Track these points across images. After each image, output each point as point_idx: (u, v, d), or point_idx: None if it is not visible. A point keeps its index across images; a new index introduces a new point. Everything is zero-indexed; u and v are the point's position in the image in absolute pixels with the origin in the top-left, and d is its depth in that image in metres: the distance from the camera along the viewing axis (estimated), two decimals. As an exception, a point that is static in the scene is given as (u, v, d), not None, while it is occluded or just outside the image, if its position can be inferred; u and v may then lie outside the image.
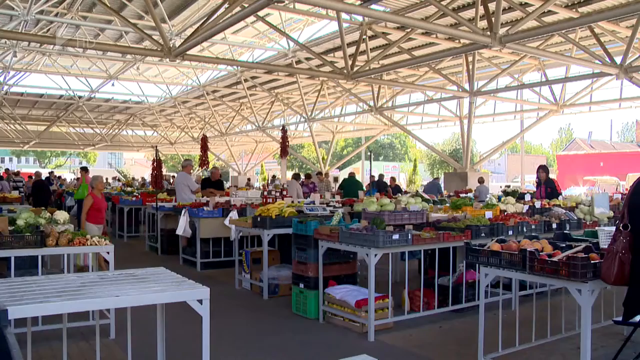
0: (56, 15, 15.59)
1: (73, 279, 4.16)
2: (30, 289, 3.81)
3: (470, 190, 15.77)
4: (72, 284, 3.95)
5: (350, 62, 13.40)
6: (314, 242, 7.14)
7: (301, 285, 7.35)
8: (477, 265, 5.55)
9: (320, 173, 20.69)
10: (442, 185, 19.78)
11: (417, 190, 13.87)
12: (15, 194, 16.66)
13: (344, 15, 13.35)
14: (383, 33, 15.06)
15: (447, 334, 6.58)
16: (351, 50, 14.53)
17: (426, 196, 10.27)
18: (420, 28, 12.97)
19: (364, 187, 18.03)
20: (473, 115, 19.02)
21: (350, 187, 17.00)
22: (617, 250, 3.87)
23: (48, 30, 17.17)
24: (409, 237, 6.50)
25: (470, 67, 16.79)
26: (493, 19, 9.57)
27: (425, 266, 7.60)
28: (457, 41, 15.50)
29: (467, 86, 17.30)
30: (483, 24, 10.12)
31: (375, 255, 6.22)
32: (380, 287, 6.66)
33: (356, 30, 14.89)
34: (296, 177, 18.22)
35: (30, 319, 4.60)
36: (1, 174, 27.37)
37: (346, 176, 20.18)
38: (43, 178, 22.05)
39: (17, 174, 27.25)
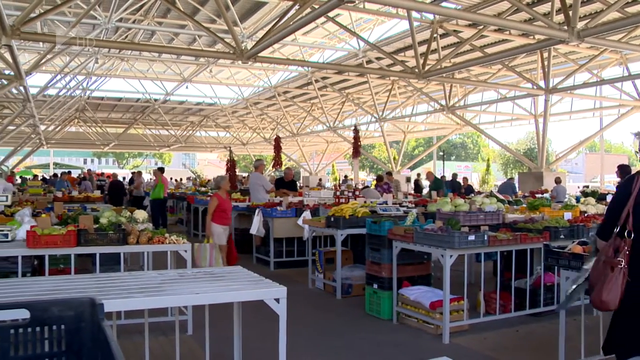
0: (134, 22, 16.16)
1: (154, 276, 4.29)
2: (115, 284, 3.95)
3: (546, 191, 15.30)
4: (153, 281, 4.08)
5: (421, 61, 13.26)
6: (388, 242, 7.11)
7: (375, 286, 7.33)
8: (556, 268, 5.39)
9: (390, 173, 20.56)
10: (517, 186, 19.30)
11: (491, 191, 13.58)
12: (97, 193, 17.33)
13: (414, 14, 13.23)
14: (454, 31, 14.83)
15: (525, 338, 6.41)
16: (422, 49, 14.39)
17: (500, 197, 10.06)
18: (493, 25, 12.70)
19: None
20: (549, 114, 18.45)
21: (440, 187, 16.83)
22: (623, 265, 3.10)
23: (126, 36, 17.81)
24: (485, 238, 6.38)
25: (546, 63, 16.30)
26: (570, 12, 9.25)
27: (501, 268, 7.44)
28: (532, 37, 15.09)
29: (542, 83, 16.81)
30: (559, 18, 9.84)
31: (451, 256, 6.13)
32: (455, 288, 6.55)
33: (427, 28, 14.74)
34: (379, 179, 18.08)
35: (114, 313, 4.79)
36: (84, 174, 28.73)
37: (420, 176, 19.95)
38: (120, 179, 23.11)
39: (102, 174, 28.82)
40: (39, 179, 27.05)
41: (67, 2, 10.41)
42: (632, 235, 3.07)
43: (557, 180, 17.05)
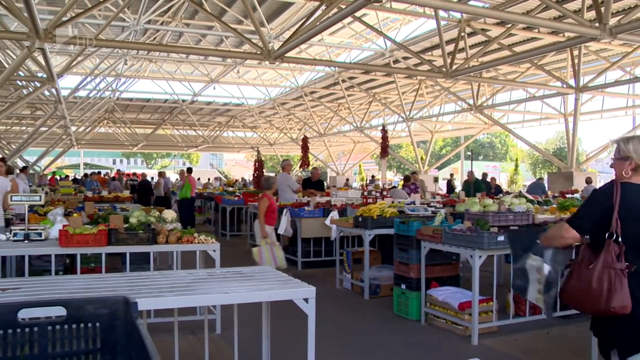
0: (162, 24, 16.34)
1: (183, 275, 4.32)
2: (145, 283, 3.99)
3: (576, 191, 15.09)
4: (183, 280, 4.11)
5: (448, 60, 13.17)
6: (416, 242, 7.07)
7: (403, 286, 7.30)
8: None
9: (415, 172, 20.46)
10: (546, 186, 19.06)
11: (519, 191, 13.41)
12: (126, 193, 17.56)
13: (441, 13, 13.14)
14: (482, 29, 14.69)
15: (555, 340, 6.33)
16: (449, 48, 14.26)
17: (530, 197, 9.93)
18: (522, 23, 12.55)
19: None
20: (579, 112, 18.19)
21: (477, 187, 16.64)
22: (616, 269, 3.14)
23: (154, 38, 18.02)
24: (514, 238, 6.31)
25: (576, 61, 16.07)
26: (602, 8, 9.10)
27: (531, 269, 7.33)
28: (562, 35, 14.88)
29: (572, 82, 16.59)
30: (591, 14, 9.67)
31: (480, 256, 6.08)
32: (484, 289, 6.50)
33: (454, 27, 14.63)
34: (407, 179, 17.98)
35: (145, 311, 4.84)
36: (114, 175, 29.20)
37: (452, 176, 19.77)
38: (149, 179, 23.50)
39: (134, 174, 29.51)
40: (70, 179, 27.56)
41: (98, 5, 10.56)
42: (624, 242, 3.16)
43: (588, 180, 16.80)
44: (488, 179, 21.08)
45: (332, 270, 9.76)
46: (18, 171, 24.46)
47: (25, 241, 6.17)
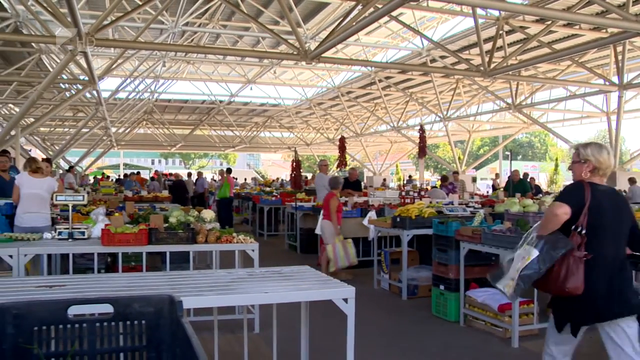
0: (199, 25, 16.53)
1: (223, 275, 4.35)
2: (186, 282, 4.04)
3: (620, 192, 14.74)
4: (222, 280, 4.14)
5: (486, 59, 12.98)
6: (455, 243, 7.00)
7: (442, 287, 7.25)
8: (635, 272, 5.17)
9: (456, 172, 20.26)
10: (588, 186, 18.64)
11: (560, 191, 13.17)
12: (165, 193, 17.80)
13: (479, 11, 12.98)
14: (521, 27, 14.45)
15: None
16: (487, 46, 14.11)
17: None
18: (562, 19, 12.32)
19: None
20: (622, 111, 17.77)
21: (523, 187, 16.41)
22: (578, 255, 3.68)
23: (192, 40, 18.23)
24: (556, 239, 6.19)
25: (619, 58, 15.69)
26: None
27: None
28: (604, 31, 14.56)
29: (615, 79, 16.20)
30: (636, 9, 9.42)
31: (520, 258, 5.98)
32: (525, 291, 6.39)
33: (492, 25, 14.42)
34: (444, 179, 17.84)
35: (184, 310, 4.88)
36: (152, 175, 29.69)
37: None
38: (186, 178, 23.94)
39: (171, 174, 30.04)
40: (111, 179, 28.09)
41: (137, 8, 10.71)
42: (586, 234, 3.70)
43: (632, 181, 16.41)
44: (528, 179, 20.79)
45: (370, 270, 9.73)
46: (61, 171, 25.12)
47: (70, 240, 6.31)
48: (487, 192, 22.72)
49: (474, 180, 25.83)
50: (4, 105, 24.30)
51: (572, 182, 4.03)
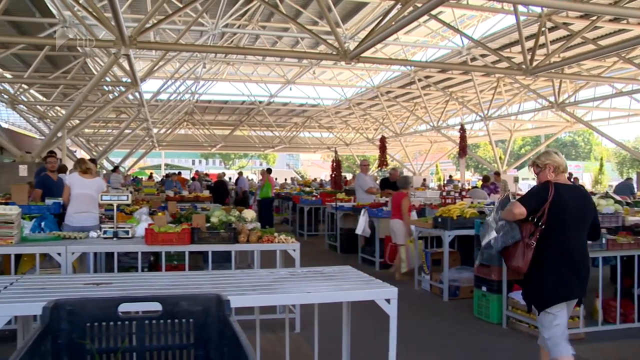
0: (239, 27, 16.68)
1: (265, 275, 4.38)
2: (229, 281, 4.08)
3: (669, 191, 14.34)
4: (265, 279, 4.17)
5: (528, 57, 12.74)
6: (497, 244, 6.89)
7: (484, 289, 7.15)
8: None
9: (497, 173, 19.96)
10: (635, 186, 18.18)
11: (606, 191, 12.87)
12: (206, 193, 18.02)
13: (520, 8, 12.75)
14: (564, 23, 14.14)
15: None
16: (529, 44, 13.85)
17: (618, 198, 9.51)
18: (608, 14, 11.98)
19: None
20: (672, 108, 17.26)
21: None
22: (527, 241, 4.45)
23: (232, 41, 18.40)
24: (603, 241, 6.06)
25: (670, 53, 15.25)
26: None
27: (620, 274, 7.03)
28: (653, 25, 14.16)
29: (664, 76, 15.77)
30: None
31: (566, 259, 5.86)
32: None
33: (534, 22, 14.16)
34: (486, 179, 17.63)
35: (228, 309, 4.92)
36: (193, 175, 30.09)
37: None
38: (227, 178, 24.16)
39: (207, 175, 30.36)
40: (155, 180, 28.58)
41: (178, 11, 10.87)
42: (543, 227, 4.39)
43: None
44: (571, 179, 20.34)
45: (410, 271, 9.67)
46: (104, 172, 25.65)
47: (114, 239, 6.44)
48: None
49: (516, 180, 25.40)
50: (51, 108, 24.94)
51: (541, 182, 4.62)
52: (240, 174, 27.08)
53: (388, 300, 3.83)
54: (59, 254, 5.75)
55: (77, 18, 12.18)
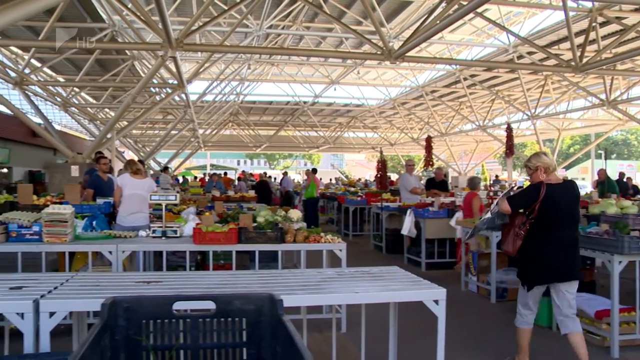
0: (283, 28, 16.76)
1: (313, 274, 4.38)
2: (276, 281, 4.10)
3: None
4: (312, 279, 4.17)
5: (578, 54, 12.41)
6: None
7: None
8: None
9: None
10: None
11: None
12: (251, 193, 18.17)
13: (570, 3, 12.43)
14: (617, 18, 13.74)
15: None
16: (579, 40, 13.51)
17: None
18: (665, 6, 11.58)
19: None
20: None
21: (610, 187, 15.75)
22: (517, 231, 5.16)
23: (276, 42, 18.51)
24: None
25: None
26: None
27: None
28: None
29: None
30: None
31: (620, 262, 5.70)
32: (624, 298, 6.07)
33: (585, 17, 13.79)
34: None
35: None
36: (239, 175, 30.45)
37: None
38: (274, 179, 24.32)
39: (251, 175, 30.75)
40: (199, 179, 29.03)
41: (223, 13, 10.97)
42: (533, 220, 5.07)
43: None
44: (624, 179, 19.78)
45: (457, 272, 9.57)
46: (152, 172, 26.12)
47: (163, 238, 6.55)
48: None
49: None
50: (101, 110, 25.53)
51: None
52: (285, 174, 27.23)
53: (437, 302, 3.80)
54: (110, 252, 5.88)
55: (125, 22, 12.45)
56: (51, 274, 4.38)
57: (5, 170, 23.41)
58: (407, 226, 10.99)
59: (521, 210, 5.20)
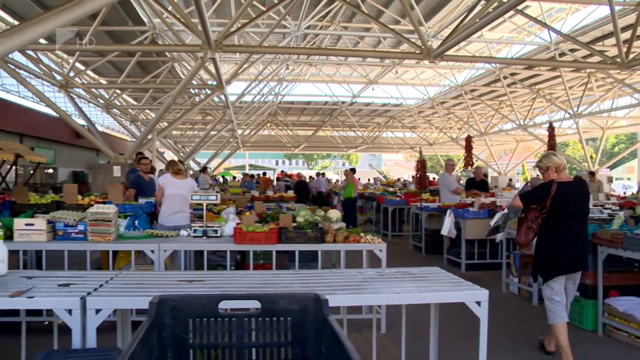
0: (321, 28, 16.79)
1: (354, 275, 4.36)
2: (317, 281, 4.08)
3: None
4: (354, 279, 4.15)
5: (624, 50, 12.11)
6: (592, 247, 6.60)
7: (577, 294, 6.86)
8: None
9: (592, 173, 19.12)
10: None
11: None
12: (290, 193, 18.26)
13: (616, -3, 12.16)
14: (666, 12, 13.37)
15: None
16: (625, 35, 13.17)
17: None
18: None
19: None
20: None
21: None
22: (530, 224, 5.63)
23: (314, 42, 18.55)
24: None
25: None
26: None
27: None
28: None
29: None
30: None
31: (669, 264, 5.56)
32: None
33: (631, 12, 13.43)
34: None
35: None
36: (277, 175, 30.69)
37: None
38: (307, 179, 24.52)
39: (288, 174, 31.15)
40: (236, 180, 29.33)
41: (262, 14, 11.05)
42: (545, 215, 5.49)
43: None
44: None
45: (497, 273, 9.45)
46: (192, 172, 26.46)
47: (204, 237, 6.62)
48: (624, 192, 21.33)
49: (610, 180, 24.26)
50: (142, 111, 25.98)
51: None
52: (318, 174, 27.32)
53: (479, 303, 3.75)
54: (152, 251, 5.97)
55: (166, 25, 12.64)
56: (96, 272, 4.46)
57: (51, 170, 24.02)
58: (447, 226, 10.88)
59: (534, 206, 5.60)
